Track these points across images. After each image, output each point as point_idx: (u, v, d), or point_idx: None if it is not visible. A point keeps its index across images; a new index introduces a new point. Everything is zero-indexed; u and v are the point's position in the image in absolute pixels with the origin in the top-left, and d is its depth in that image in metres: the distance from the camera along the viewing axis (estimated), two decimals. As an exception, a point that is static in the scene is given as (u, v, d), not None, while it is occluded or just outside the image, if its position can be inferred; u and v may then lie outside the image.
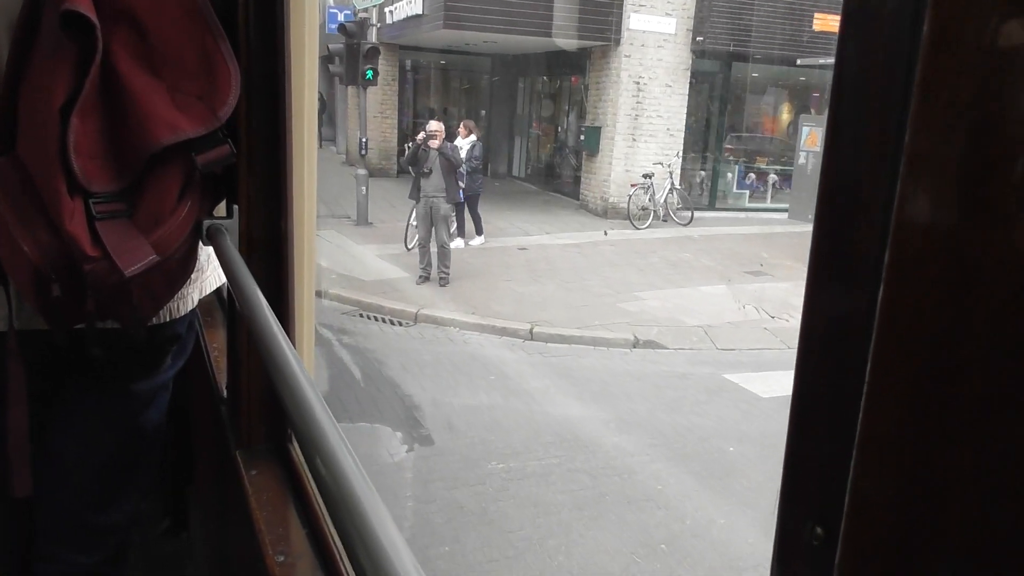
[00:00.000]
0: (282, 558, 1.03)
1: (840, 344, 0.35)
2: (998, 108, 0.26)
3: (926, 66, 0.28)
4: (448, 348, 7.28)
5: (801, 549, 0.37)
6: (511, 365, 6.88)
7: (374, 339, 7.45)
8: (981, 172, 0.27)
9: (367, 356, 6.86)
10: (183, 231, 1.15)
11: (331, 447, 0.59)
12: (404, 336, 7.62)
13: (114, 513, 1.50)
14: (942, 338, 0.28)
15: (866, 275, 0.32)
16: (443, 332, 7.79)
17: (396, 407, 5.82)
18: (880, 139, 0.32)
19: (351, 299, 8.59)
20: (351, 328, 7.74)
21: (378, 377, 6.37)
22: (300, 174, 1.20)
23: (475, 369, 6.72)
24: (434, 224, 9.10)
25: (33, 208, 1.07)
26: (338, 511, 0.53)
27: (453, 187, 9.01)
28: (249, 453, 1.30)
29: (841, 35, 0.34)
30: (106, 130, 1.08)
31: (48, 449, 1.38)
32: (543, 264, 10.51)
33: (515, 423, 5.62)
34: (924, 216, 0.29)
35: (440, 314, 8.15)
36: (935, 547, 0.30)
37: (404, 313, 8.22)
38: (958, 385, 0.28)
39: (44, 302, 1.12)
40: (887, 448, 0.31)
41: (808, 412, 0.37)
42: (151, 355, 1.44)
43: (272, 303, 0.93)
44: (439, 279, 9.17)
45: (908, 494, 0.30)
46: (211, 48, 1.12)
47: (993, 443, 0.27)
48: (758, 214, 15.27)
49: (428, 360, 6.88)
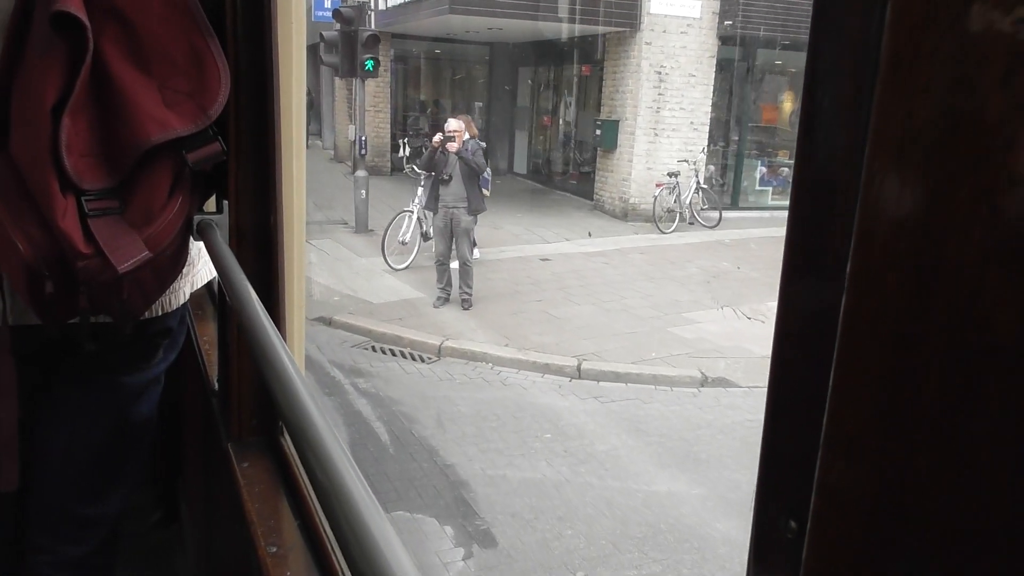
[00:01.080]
0: (274, 549, 1.03)
1: (812, 341, 0.35)
2: (963, 104, 0.26)
3: (889, 59, 0.29)
4: (486, 393, 6.09)
5: (776, 543, 0.38)
6: (566, 416, 5.71)
7: (395, 383, 6.23)
8: (943, 170, 0.27)
9: (391, 408, 5.65)
10: (174, 227, 1.16)
11: (322, 440, 0.60)
12: (430, 377, 6.41)
13: (104, 505, 1.50)
14: (903, 337, 0.29)
15: (835, 274, 0.33)
16: (475, 370, 6.60)
17: (439, 485, 4.62)
18: (851, 134, 0.32)
19: (362, 328, 7.36)
20: (366, 367, 6.51)
21: (409, 439, 5.17)
22: (289, 169, 1.21)
23: (525, 423, 5.54)
24: (455, 238, 7.87)
25: (26, 206, 1.08)
26: (329, 503, 0.54)
27: (476, 195, 7.78)
28: (240, 446, 1.30)
29: (813, 28, 0.34)
30: (97, 128, 1.10)
31: (39, 442, 1.39)
32: (572, 278, 9.33)
33: (593, 507, 4.45)
34: (886, 217, 0.29)
35: (469, 346, 6.95)
36: (897, 540, 0.30)
37: (426, 346, 7.01)
38: (918, 383, 0.29)
39: (37, 298, 1.13)
40: (850, 444, 0.31)
41: (782, 408, 0.38)
42: (143, 349, 1.44)
43: (262, 297, 0.95)
44: (461, 301, 7.95)
45: (870, 489, 0.31)
46: (200, 46, 1.12)
47: (950, 441, 0.28)
48: (782, 213, 14.15)
49: (466, 412, 5.68)
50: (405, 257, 9.36)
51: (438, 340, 7.04)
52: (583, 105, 15.41)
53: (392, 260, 9.22)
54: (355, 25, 10.35)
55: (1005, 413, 0.26)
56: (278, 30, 1.15)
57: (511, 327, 7.49)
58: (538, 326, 7.56)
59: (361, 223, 11.33)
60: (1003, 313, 0.26)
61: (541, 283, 9.06)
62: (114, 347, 1.36)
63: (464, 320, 7.66)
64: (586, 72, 15.05)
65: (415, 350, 6.99)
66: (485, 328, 7.42)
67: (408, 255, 9.38)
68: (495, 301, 8.24)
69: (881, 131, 0.29)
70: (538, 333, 7.36)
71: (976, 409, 0.27)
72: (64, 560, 1.46)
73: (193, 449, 1.98)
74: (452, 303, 8.03)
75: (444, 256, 7.97)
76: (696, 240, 11.92)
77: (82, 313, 1.17)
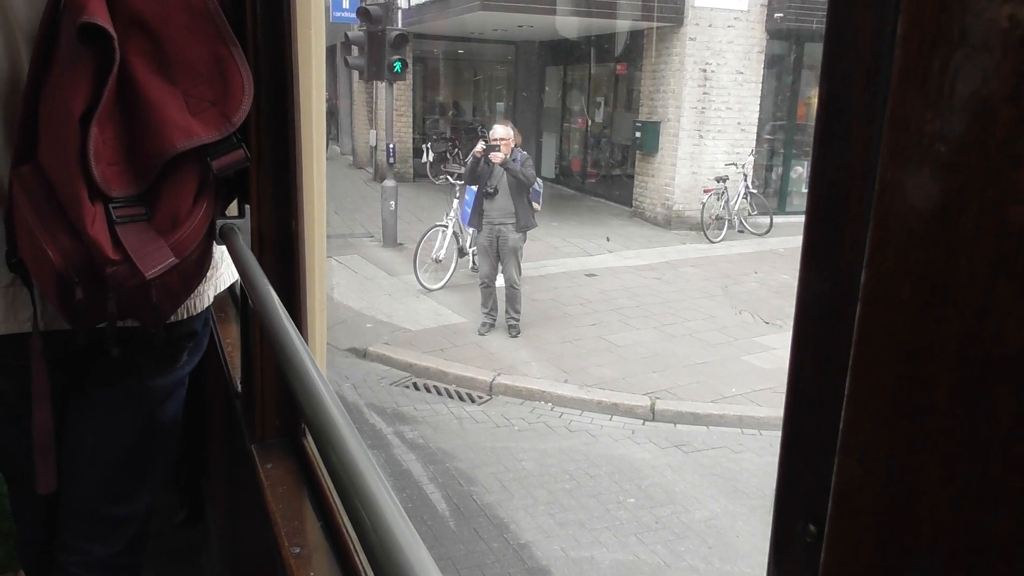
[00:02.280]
0: (297, 550, 1.04)
1: (829, 346, 0.36)
2: (972, 119, 0.27)
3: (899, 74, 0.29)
4: (551, 443, 5.28)
5: (795, 547, 0.38)
6: (648, 473, 4.89)
7: (446, 430, 5.44)
8: (954, 183, 0.28)
9: (445, 465, 4.86)
10: (199, 232, 1.17)
11: (344, 441, 0.61)
12: (484, 422, 5.61)
13: (132, 505, 1.52)
14: (916, 346, 0.30)
15: (849, 282, 0.33)
16: (533, 411, 5.80)
17: (515, 572, 3.83)
18: (864, 145, 0.33)
19: (401, 361, 6.57)
20: (410, 410, 5.73)
21: (471, 508, 4.38)
22: (310, 173, 1.22)
23: (603, 484, 4.73)
24: (501, 258, 7.08)
25: (55, 214, 1.09)
26: (352, 504, 0.54)
27: (525, 210, 6.97)
28: (264, 447, 1.32)
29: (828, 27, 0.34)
30: (124, 137, 1.11)
31: (67, 443, 1.42)
32: (624, 297, 8.51)
33: (707, 603, 3.65)
34: (899, 228, 0.30)
35: (524, 383, 6.15)
36: (912, 546, 0.31)
37: (475, 382, 6.22)
38: (930, 393, 0.29)
39: (67, 304, 1.15)
40: (866, 449, 0.32)
41: (800, 412, 0.38)
42: (168, 352, 1.46)
43: (284, 300, 0.96)
44: (508, 327, 7.16)
45: (885, 493, 0.31)
46: (223, 54, 1.13)
47: (963, 448, 0.28)
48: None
49: (532, 470, 4.88)
50: (440, 275, 8.58)
51: (489, 376, 6.24)
52: (618, 106, 14.56)
53: (425, 279, 8.44)
54: (382, 24, 9.57)
55: (1017, 421, 0.27)
56: (298, 35, 1.16)
57: (567, 358, 6.68)
58: (597, 356, 6.75)
59: (389, 237, 10.57)
60: (1013, 324, 0.26)
61: (591, 303, 8.24)
62: (141, 351, 1.39)
63: (514, 350, 6.86)
64: (621, 71, 14.20)
65: (463, 387, 6.20)
66: (539, 359, 6.62)
67: (443, 273, 8.59)
68: (545, 326, 7.44)
69: (894, 143, 0.30)
70: (598, 364, 6.55)
71: (988, 417, 0.27)
72: (93, 560, 1.48)
73: (217, 450, 2.00)
74: (498, 328, 7.24)
75: (489, 278, 7.17)
76: (748, 250, 11.06)
77: (109, 319, 1.17)
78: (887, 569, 0.31)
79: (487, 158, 6.90)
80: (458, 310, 7.86)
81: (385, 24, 9.62)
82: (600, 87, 15.26)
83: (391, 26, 9.78)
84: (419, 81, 17.81)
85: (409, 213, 12.04)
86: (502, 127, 7.06)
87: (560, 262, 9.92)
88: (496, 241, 7.04)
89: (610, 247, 10.91)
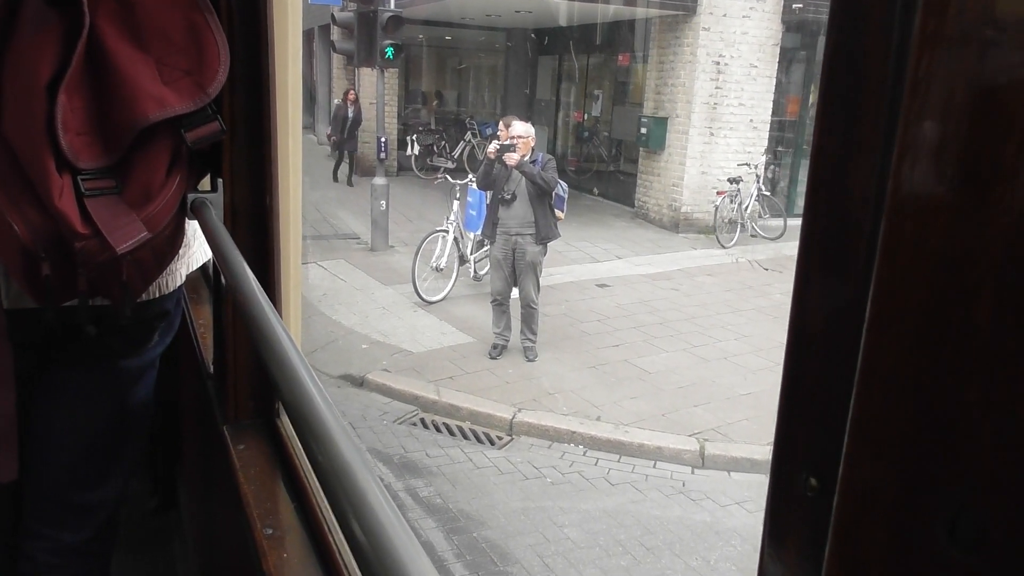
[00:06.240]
0: (270, 531, 1.03)
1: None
2: (993, 94, 0.26)
3: (918, 54, 0.28)
4: (592, 503, 4.47)
5: (794, 500, 0.37)
6: (712, 541, 4.11)
7: (466, 485, 4.60)
8: (974, 158, 0.27)
9: (472, 535, 4.03)
10: (172, 206, 1.14)
11: (321, 418, 0.58)
12: (509, 472, 4.78)
13: (103, 491, 1.50)
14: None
15: (856, 274, 0.32)
16: (564, 457, 4.99)
17: None
18: (872, 127, 0.32)
19: (405, 393, 5.71)
20: (420, 456, 4.88)
21: (511, 597, 3.55)
22: (285, 147, 1.20)
23: (664, 560, 3.93)
24: (517, 273, 6.23)
25: (20, 186, 1.06)
26: (329, 482, 0.53)
27: (546, 219, 6.12)
28: (236, 428, 1.30)
29: (831, 18, 0.33)
30: (93, 106, 1.08)
31: (36, 429, 1.38)
32: (643, 312, 7.73)
33: None
34: (914, 209, 0.28)
35: (551, 422, 5.33)
36: (945, 479, 0.29)
37: (493, 419, 5.39)
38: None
39: (33, 281, 1.12)
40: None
41: (803, 353, 0.37)
42: (139, 332, 1.42)
43: (258, 274, 0.94)
44: (524, 350, 6.32)
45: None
46: (198, 21, 1.10)
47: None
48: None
49: (577, 540, 4.06)
50: (441, 286, 7.71)
51: (508, 412, 5.41)
52: (619, 99, 13.74)
53: (425, 291, 7.57)
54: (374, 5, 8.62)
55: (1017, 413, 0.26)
56: (274, 6, 1.13)
57: (594, 388, 5.88)
58: (627, 385, 5.96)
59: (379, 240, 9.66)
60: (1017, 319, 0.26)
61: (609, 320, 7.44)
62: (111, 331, 1.35)
63: (533, 378, 6.03)
64: (624, 62, 13.38)
65: (479, 425, 5.36)
66: (562, 390, 5.80)
67: (444, 283, 7.73)
68: (563, 348, 6.62)
69: (907, 147, 0.29)
70: (631, 396, 5.76)
71: (997, 405, 0.27)
72: (62, 547, 1.45)
73: (191, 435, 1.98)
74: (511, 351, 6.40)
75: (503, 295, 6.32)
76: (763, 256, 10.35)
77: (81, 296, 1.14)
78: (915, 507, 0.29)
79: (501, 159, 6.05)
80: (463, 327, 7.00)
81: (377, 4, 8.67)
82: (599, 79, 14.42)
83: (383, 7, 8.83)
84: (401, 68, 16.82)
85: (396, 212, 11.10)
86: (521, 124, 6.20)
87: (567, 269, 9.10)
88: (512, 254, 6.19)
89: (619, 253, 10.12)
